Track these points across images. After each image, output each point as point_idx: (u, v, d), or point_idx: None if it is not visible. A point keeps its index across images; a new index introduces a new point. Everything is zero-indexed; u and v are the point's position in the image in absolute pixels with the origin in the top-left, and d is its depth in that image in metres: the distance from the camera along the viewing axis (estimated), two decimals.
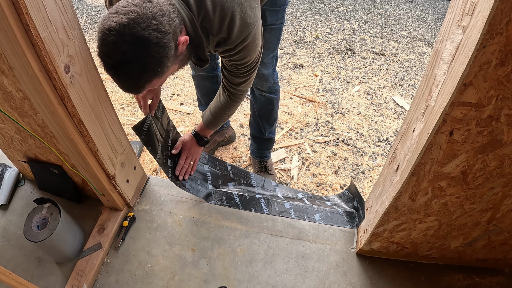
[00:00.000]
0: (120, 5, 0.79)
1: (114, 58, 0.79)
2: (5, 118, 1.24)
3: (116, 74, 0.83)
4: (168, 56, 0.84)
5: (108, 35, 0.77)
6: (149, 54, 0.80)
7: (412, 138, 0.95)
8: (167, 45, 0.81)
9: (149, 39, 0.78)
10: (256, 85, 1.56)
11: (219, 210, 1.58)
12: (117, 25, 0.76)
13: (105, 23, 0.78)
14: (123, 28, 0.76)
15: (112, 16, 0.77)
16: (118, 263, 1.40)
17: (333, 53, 2.95)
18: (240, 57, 1.03)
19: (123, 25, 0.76)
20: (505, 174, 0.90)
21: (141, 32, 0.76)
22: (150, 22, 0.77)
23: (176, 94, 2.48)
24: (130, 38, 0.76)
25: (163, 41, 0.80)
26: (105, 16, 0.80)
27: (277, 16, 1.35)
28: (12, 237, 1.48)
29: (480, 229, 1.14)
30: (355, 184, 1.65)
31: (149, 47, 0.78)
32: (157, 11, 0.79)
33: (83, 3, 3.87)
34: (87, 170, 1.26)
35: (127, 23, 0.76)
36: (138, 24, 0.76)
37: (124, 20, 0.76)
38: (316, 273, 1.38)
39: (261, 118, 1.69)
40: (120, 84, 0.86)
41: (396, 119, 2.31)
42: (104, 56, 0.81)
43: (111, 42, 0.77)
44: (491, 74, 0.69)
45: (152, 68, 0.83)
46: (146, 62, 0.81)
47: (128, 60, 0.79)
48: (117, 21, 0.76)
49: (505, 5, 0.58)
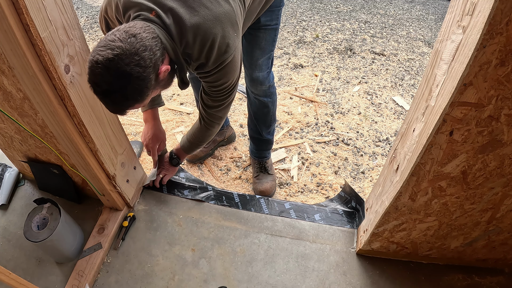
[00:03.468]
0: (108, 39, 0.89)
1: (101, 87, 0.89)
2: (5, 118, 1.24)
3: (103, 99, 0.93)
4: (148, 86, 0.94)
5: (96, 67, 0.87)
6: (131, 86, 0.90)
7: (412, 138, 0.95)
8: (147, 77, 0.92)
9: (131, 74, 0.88)
10: (251, 88, 1.55)
11: (219, 210, 1.58)
12: (104, 59, 0.85)
13: (94, 56, 0.87)
14: (109, 63, 0.86)
15: (100, 50, 0.87)
16: (118, 263, 1.40)
17: (333, 53, 2.95)
18: (214, 79, 1.12)
19: (109, 60, 0.85)
20: (505, 174, 0.90)
21: (124, 67, 0.86)
22: (133, 58, 0.87)
23: (176, 94, 2.48)
24: (115, 72, 0.87)
25: (143, 74, 0.90)
26: (95, 48, 0.89)
27: (271, 17, 1.34)
28: (12, 237, 1.48)
29: (480, 229, 1.14)
30: (349, 184, 1.65)
31: (131, 80, 0.89)
32: (139, 47, 0.88)
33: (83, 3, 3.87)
34: (87, 170, 1.26)
35: (112, 59, 0.85)
36: (122, 60, 0.86)
37: (110, 55, 0.86)
38: (316, 273, 1.38)
39: (257, 121, 1.68)
40: (107, 106, 0.97)
41: (396, 119, 2.31)
42: (93, 84, 0.90)
43: (98, 74, 0.87)
44: (491, 74, 0.69)
45: (134, 97, 0.93)
46: (128, 93, 0.91)
47: (113, 90, 0.89)
48: (103, 55, 0.86)
49: (505, 5, 0.58)
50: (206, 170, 1.94)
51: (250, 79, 1.50)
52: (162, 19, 0.97)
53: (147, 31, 0.92)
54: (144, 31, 0.91)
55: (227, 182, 1.88)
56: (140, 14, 0.97)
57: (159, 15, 0.97)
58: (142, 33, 0.90)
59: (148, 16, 0.97)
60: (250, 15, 1.22)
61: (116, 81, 0.88)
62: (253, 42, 1.38)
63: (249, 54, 1.42)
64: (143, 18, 0.96)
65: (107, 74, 0.86)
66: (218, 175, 1.92)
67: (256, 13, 1.25)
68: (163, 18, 0.97)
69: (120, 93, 0.90)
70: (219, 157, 2.02)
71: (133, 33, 0.89)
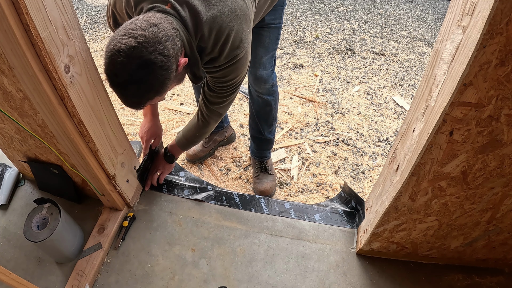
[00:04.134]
0: (128, 27, 0.85)
1: (122, 77, 0.86)
2: (5, 118, 1.24)
3: (121, 91, 0.89)
4: (170, 77, 0.91)
5: (117, 55, 0.83)
6: (154, 76, 0.87)
7: (412, 138, 0.95)
8: (170, 68, 0.89)
9: (155, 63, 0.84)
10: (254, 86, 1.55)
11: (219, 210, 1.58)
12: (127, 47, 0.82)
13: (115, 44, 0.83)
14: (132, 51, 0.82)
15: (121, 38, 0.83)
16: (118, 263, 1.40)
17: (333, 53, 2.95)
18: (223, 74, 1.10)
19: (132, 48, 0.82)
20: (505, 174, 0.90)
21: (148, 55, 0.83)
22: (157, 47, 0.84)
23: (176, 94, 2.48)
24: (138, 60, 0.83)
25: (167, 64, 0.87)
26: (113, 37, 0.85)
27: (275, 16, 1.35)
28: (12, 237, 1.48)
29: (480, 229, 1.14)
30: (348, 185, 1.65)
31: (154, 69, 0.86)
32: (162, 36, 0.85)
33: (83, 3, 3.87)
34: (87, 170, 1.26)
35: (136, 46, 0.82)
36: (146, 48, 0.83)
37: (133, 43, 0.82)
38: (316, 273, 1.38)
39: (259, 119, 1.68)
40: (124, 100, 0.93)
41: (396, 119, 2.31)
42: (111, 74, 0.87)
43: (119, 63, 0.83)
44: (491, 74, 0.69)
45: (156, 89, 0.90)
46: (151, 83, 0.88)
47: (134, 80, 0.86)
48: (126, 44, 0.82)
49: (505, 5, 0.58)
50: (206, 170, 1.94)
51: (254, 77, 1.50)
52: (178, 11, 0.94)
53: (167, 21, 0.90)
54: (164, 21, 0.89)
55: (227, 182, 1.88)
56: (155, 6, 0.94)
57: (175, 7, 0.94)
58: (163, 22, 0.88)
59: (164, 8, 0.94)
60: (257, 14, 1.22)
61: (138, 70, 0.84)
62: (257, 41, 1.38)
63: (253, 52, 1.42)
64: (159, 10, 0.93)
65: (129, 63, 0.83)
66: (218, 175, 1.92)
67: (262, 12, 1.25)
68: (179, 10, 0.94)
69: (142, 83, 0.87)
70: (219, 157, 2.02)
71: (154, 23, 0.86)
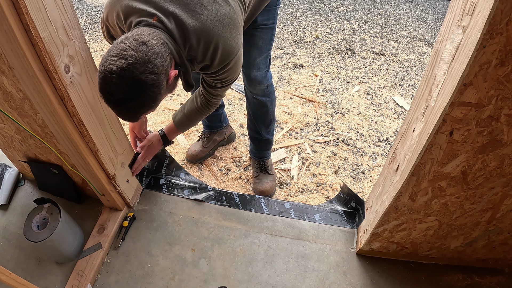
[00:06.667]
0: (118, 47, 0.88)
1: (116, 96, 0.89)
2: (5, 118, 1.24)
3: (116, 107, 0.94)
4: (161, 92, 0.95)
5: (110, 77, 0.87)
6: (146, 94, 0.91)
7: (412, 138, 0.95)
8: (161, 84, 0.93)
9: (146, 81, 0.88)
10: (249, 88, 1.55)
11: (219, 210, 1.58)
12: (118, 69, 0.86)
13: (107, 66, 0.87)
14: (124, 72, 0.86)
15: (112, 60, 0.87)
16: (118, 263, 1.40)
17: (333, 53, 2.95)
18: (218, 77, 1.14)
19: (124, 70, 0.86)
20: (505, 174, 0.90)
21: (139, 76, 0.87)
22: (147, 66, 0.88)
23: (176, 94, 2.48)
24: (130, 81, 0.87)
25: (157, 82, 0.91)
26: (105, 58, 0.88)
27: (267, 16, 1.35)
28: (12, 237, 1.48)
29: (480, 229, 1.14)
30: (346, 185, 1.65)
31: (145, 88, 0.89)
32: (151, 55, 0.89)
33: (83, 3, 3.87)
34: (87, 170, 1.26)
35: (127, 68, 0.86)
36: (136, 68, 0.86)
37: (124, 65, 0.86)
38: (316, 273, 1.38)
39: (256, 120, 1.68)
40: (119, 115, 0.97)
41: (396, 119, 2.31)
42: (106, 93, 0.90)
43: (113, 84, 0.87)
44: (491, 74, 0.69)
45: (148, 104, 0.94)
46: (143, 100, 0.92)
47: (128, 99, 0.90)
48: (117, 65, 0.86)
49: (505, 5, 0.58)
50: (206, 170, 1.94)
51: (248, 78, 1.50)
52: (164, 23, 0.97)
53: (155, 37, 0.92)
54: (153, 38, 0.92)
55: (227, 182, 1.88)
56: (142, 20, 0.97)
57: (161, 20, 0.97)
58: (152, 40, 0.91)
59: (151, 21, 0.97)
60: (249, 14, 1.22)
61: (131, 89, 0.88)
62: (250, 42, 1.38)
63: (246, 53, 1.42)
64: (146, 24, 0.97)
65: (122, 83, 0.87)
66: (218, 175, 1.92)
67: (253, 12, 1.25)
68: (165, 22, 0.97)
69: (135, 101, 0.91)
70: (219, 157, 2.02)
71: (143, 41, 0.89)
